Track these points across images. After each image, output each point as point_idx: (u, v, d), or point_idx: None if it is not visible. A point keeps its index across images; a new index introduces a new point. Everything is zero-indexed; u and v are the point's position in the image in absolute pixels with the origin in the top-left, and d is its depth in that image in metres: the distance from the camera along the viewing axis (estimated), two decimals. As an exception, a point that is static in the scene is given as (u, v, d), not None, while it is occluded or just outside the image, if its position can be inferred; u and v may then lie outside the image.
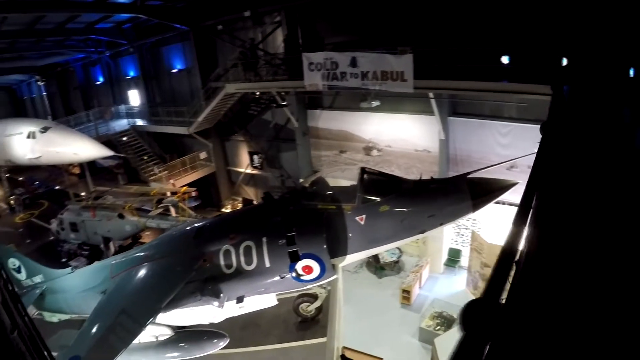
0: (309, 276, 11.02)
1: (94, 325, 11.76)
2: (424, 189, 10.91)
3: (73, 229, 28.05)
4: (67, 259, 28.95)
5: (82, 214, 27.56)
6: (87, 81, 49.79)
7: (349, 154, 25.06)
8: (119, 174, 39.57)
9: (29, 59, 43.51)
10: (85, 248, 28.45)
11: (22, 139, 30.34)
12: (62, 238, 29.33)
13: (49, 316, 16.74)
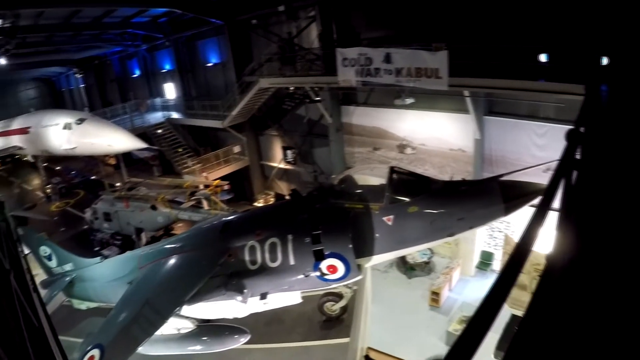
0: (333, 275, 11.02)
1: (118, 315, 12.14)
2: (455, 191, 10.77)
3: (106, 219, 28.86)
4: (100, 248, 29.83)
5: (116, 205, 28.32)
6: (124, 74, 50.89)
7: (383, 151, 25.00)
8: (154, 166, 40.39)
9: (67, 52, 44.63)
10: (117, 238, 29.18)
11: (59, 130, 31.23)
12: (96, 227, 30.21)
13: (77, 303, 17.34)
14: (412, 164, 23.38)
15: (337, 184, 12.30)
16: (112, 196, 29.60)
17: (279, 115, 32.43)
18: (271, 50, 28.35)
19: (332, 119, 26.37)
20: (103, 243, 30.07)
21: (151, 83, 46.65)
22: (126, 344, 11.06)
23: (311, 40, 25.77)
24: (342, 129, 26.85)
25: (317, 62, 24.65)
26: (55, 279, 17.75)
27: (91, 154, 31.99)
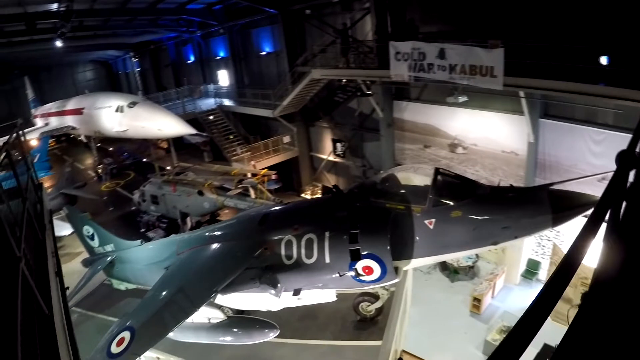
0: (368, 277, 10.97)
1: (151, 300, 12.53)
2: (501, 197, 10.52)
3: (154, 202, 29.60)
4: (146, 229, 31.07)
5: (163, 188, 28.98)
6: (179, 59, 52.09)
7: (434, 149, 24.76)
8: (205, 151, 41.52)
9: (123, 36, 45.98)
10: (163, 221, 30.06)
11: (111, 112, 32.78)
12: (143, 209, 31.12)
13: (117, 284, 18.06)
14: (462, 164, 23.09)
15: (379, 182, 11.98)
16: (160, 179, 30.35)
17: (331, 107, 32.56)
18: (325, 41, 28.41)
19: (383, 114, 26.27)
20: (149, 225, 31.18)
21: (205, 69, 47.58)
22: (156, 329, 11.39)
23: (365, 32, 25.72)
24: (393, 125, 26.73)
25: (370, 55, 24.56)
26: (97, 259, 18.49)
27: (141, 137, 33.27)
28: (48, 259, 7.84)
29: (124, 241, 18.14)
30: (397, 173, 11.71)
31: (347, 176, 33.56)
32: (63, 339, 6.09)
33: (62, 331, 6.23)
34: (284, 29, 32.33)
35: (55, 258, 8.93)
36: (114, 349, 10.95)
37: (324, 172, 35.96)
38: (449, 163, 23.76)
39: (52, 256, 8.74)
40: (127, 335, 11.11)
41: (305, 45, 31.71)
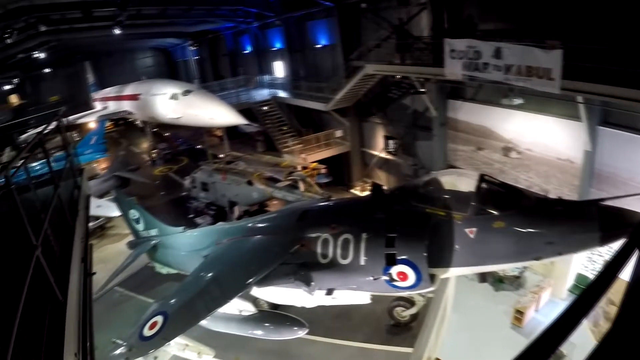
0: (402, 283, 10.88)
1: (187, 287, 12.99)
2: (548, 210, 10.19)
3: (204, 189, 30.28)
4: (194, 215, 31.85)
5: (214, 176, 29.56)
6: (236, 49, 52.92)
7: (487, 152, 24.17)
8: (258, 141, 42.16)
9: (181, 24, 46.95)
10: (212, 208, 30.71)
11: (166, 100, 33.65)
12: (193, 195, 31.91)
13: (159, 267, 18.91)
14: (516, 170, 22.47)
15: (421, 185, 11.85)
16: (211, 167, 30.98)
17: (384, 104, 32.31)
18: (380, 35, 28.15)
19: (437, 113, 25.85)
20: (198, 211, 31.90)
21: (261, 60, 48.14)
22: (188, 317, 11.75)
23: (421, 28, 25.33)
24: (446, 124, 26.28)
25: (425, 52, 24.16)
26: (141, 242, 19.29)
27: (194, 124, 33.71)
28: (74, 245, 7.92)
29: (168, 227, 19.03)
30: (441, 177, 11.46)
31: (398, 174, 33.26)
32: (75, 325, 6.22)
33: (74, 317, 6.35)
34: (339, 23, 32.32)
35: (84, 244, 9.17)
36: (146, 331, 11.43)
37: (374, 168, 35.81)
38: (501, 167, 23.19)
39: (80, 242, 8.92)
40: (160, 320, 11.58)
41: (361, 39, 31.47)
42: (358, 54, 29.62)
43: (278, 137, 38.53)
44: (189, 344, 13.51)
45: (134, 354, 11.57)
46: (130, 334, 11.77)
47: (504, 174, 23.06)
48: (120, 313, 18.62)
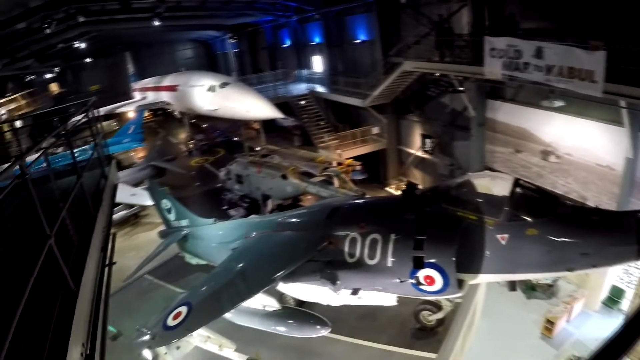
0: (429, 287, 10.74)
1: (213, 280, 13.17)
2: (584, 220, 9.89)
3: (238, 181, 30.73)
4: (228, 207, 32.37)
5: (249, 168, 29.95)
6: (275, 43, 53.09)
7: (525, 155, 23.61)
8: (295, 135, 42.40)
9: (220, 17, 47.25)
10: (246, 200, 31.09)
11: (203, 91, 34.06)
12: (228, 187, 32.40)
13: (189, 258, 19.34)
14: (554, 174, 21.91)
15: (454, 187, 11.64)
16: (247, 160, 31.45)
17: (422, 101, 31.98)
18: (419, 32, 27.81)
19: (475, 113, 25.38)
20: (231, 203, 32.33)
21: (300, 54, 48.19)
22: (211, 309, 11.92)
23: (462, 25, 24.89)
24: (485, 125, 25.76)
25: (465, 50, 23.74)
26: (172, 232, 19.71)
27: (230, 117, 33.92)
28: (93, 235, 8.02)
29: (199, 218, 19.43)
30: (474, 180, 11.22)
31: (434, 174, 32.89)
32: (86, 314, 6.33)
33: (86, 307, 6.45)
34: (378, 18, 32.05)
35: (105, 233, 9.26)
36: (170, 321, 11.59)
37: (411, 167, 35.49)
38: (539, 171, 22.66)
39: (102, 232, 9.03)
40: (184, 310, 11.73)
41: (400, 35, 31.10)
42: (397, 50, 29.32)
43: (314, 132, 38.52)
44: (211, 337, 13.77)
45: (156, 343, 11.93)
46: (154, 323, 12.03)
47: (542, 178, 22.55)
48: (148, 301, 19.10)
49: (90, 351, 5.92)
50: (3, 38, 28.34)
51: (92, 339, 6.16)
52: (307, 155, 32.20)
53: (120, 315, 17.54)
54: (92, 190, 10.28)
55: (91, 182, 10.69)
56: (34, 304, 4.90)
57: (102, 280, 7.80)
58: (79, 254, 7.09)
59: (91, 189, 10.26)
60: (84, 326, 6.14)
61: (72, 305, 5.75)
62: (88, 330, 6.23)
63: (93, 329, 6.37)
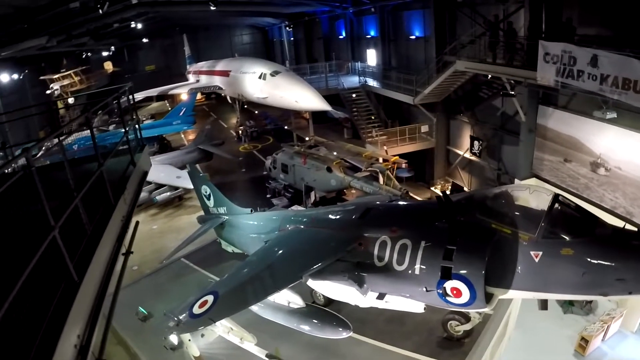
0: (456, 299, 10.56)
1: (241, 271, 13.38)
2: (623, 243, 9.43)
3: (283, 170, 31.09)
4: (272, 195, 33.06)
5: (295, 159, 30.25)
6: (331, 33, 53.23)
7: (574, 165, 22.81)
8: (345, 128, 42.35)
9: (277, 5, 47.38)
10: (290, 190, 31.60)
11: (254, 79, 34.50)
12: (272, 176, 32.85)
13: (224, 245, 19.71)
14: (602, 187, 21.12)
15: (490, 197, 11.38)
16: (293, 150, 31.58)
17: (474, 103, 31.41)
18: (474, 32, 27.27)
19: (526, 118, 24.69)
20: (275, 192, 32.84)
21: (354, 46, 48.06)
22: (236, 301, 12.07)
23: (518, 27, 24.25)
24: (535, 131, 25.04)
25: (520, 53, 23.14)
26: (210, 218, 19.98)
27: (279, 105, 34.22)
28: (109, 224, 8.05)
29: (236, 207, 19.55)
30: (512, 191, 11.00)
31: (481, 177, 32.34)
32: (87, 306, 6.35)
33: (89, 299, 6.47)
34: (434, 15, 31.63)
35: (123, 222, 9.26)
36: (196, 309, 11.78)
37: (458, 168, 34.89)
38: (587, 183, 21.90)
39: (120, 220, 9.06)
40: (210, 299, 11.89)
41: (456, 34, 30.59)
42: (451, 49, 28.86)
43: (363, 126, 38.41)
44: (234, 328, 13.75)
45: (181, 329, 12.31)
46: (181, 309, 12.20)
47: (589, 190, 21.82)
48: (181, 285, 19.15)
49: (85, 343, 5.90)
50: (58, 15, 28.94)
51: (90, 330, 6.15)
52: (354, 150, 32.17)
53: (152, 297, 18.31)
54: (117, 177, 10.28)
55: (118, 168, 10.73)
56: (34, 294, 5.08)
57: (113, 271, 7.74)
58: (89, 244, 7.09)
59: (116, 175, 10.27)
60: (84, 317, 6.15)
61: (72, 296, 5.79)
62: (88, 322, 6.22)
63: (93, 320, 6.35)
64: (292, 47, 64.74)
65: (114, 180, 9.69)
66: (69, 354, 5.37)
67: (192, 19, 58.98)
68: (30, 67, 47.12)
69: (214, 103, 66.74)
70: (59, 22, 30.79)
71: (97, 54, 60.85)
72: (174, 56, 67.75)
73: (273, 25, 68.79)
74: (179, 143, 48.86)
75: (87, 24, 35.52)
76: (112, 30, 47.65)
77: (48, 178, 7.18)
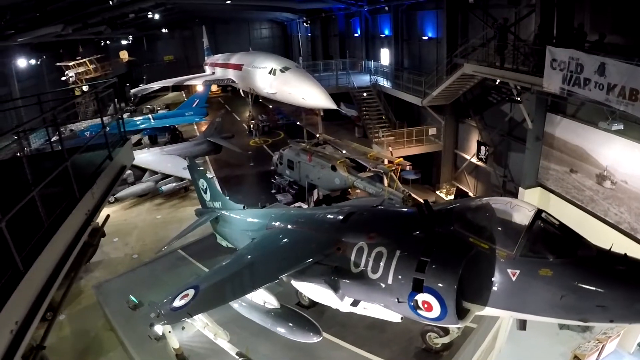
0: (426, 313, 9.86)
1: (223, 267, 13.42)
2: (607, 268, 8.57)
3: (289, 166, 30.45)
4: (276, 191, 32.47)
5: (300, 155, 29.59)
6: (346, 31, 52.44)
7: (579, 176, 21.60)
8: (357, 126, 41.80)
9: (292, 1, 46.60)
10: (294, 187, 30.96)
11: (265, 74, 34.24)
12: (279, 171, 32.15)
13: (219, 239, 19.72)
14: (607, 201, 19.93)
15: (470, 209, 10.59)
16: (299, 147, 30.91)
17: (482, 107, 30.28)
18: (486, 34, 26.07)
19: (533, 125, 23.49)
20: (280, 188, 32.36)
21: (368, 45, 47.16)
22: (214, 297, 12.07)
23: (529, 32, 23.02)
24: (542, 139, 23.80)
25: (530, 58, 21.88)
26: (206, 211, 20.12)
27: (287, 102, 33.80)
28: (68, 218, 8.10)
29: (230, 202, 19.50)
30: (493, 205, 10.08)
31: (487, 183, 31.24)
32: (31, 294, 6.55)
33: (33, 287, 6.64)
34: (446, 15, 30.53)
35: (88, 216, 9.16)
36: (177, 302, 11.88)
37: (464, 173, 33.76)
38: (592, 196, 20.70)
39: (84, 214, 9.01)
40: (191, 293, 11.96)
41: (468, 36, 29.47)
42: (462, 51, 27.73)
43: (370, 126, 37.56)
44: (209, 324, 13.49)
45: (160, 321, 12.33)
46: (164, 300, 12.35)
47: (594, 203, 20.63)
48: (175, 275, 18.99)
49: (22, 329, 6.05)
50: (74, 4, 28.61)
51: (30, 318, 6.29)
52: (360, 149, 31.28)
53: (146, 286, 18.14)
54: (91, 171, 10.26)
55: (95, 161, 10.79)
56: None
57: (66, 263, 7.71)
58: (44, 236, 7.24)
59: (91, 169, 10.32)
60: (26, 306, 6.31)
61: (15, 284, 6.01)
62: (30, 310, 6.36)
63: (34, 309, 6.44)
64: (309, 43, 64.23)
65: (86, 174, 9.85)
66: (5, 338, 5.68)
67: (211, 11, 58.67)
68: (48, 53, 47.36)
69: (230, 96, 66.31)
70: (74, 10, 30.59)
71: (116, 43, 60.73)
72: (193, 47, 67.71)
73: (292, 20, 68.27)
74: (191, 134, 48.34)
75: (102, 13, 35.20)
76: (130, 20, 47.41)
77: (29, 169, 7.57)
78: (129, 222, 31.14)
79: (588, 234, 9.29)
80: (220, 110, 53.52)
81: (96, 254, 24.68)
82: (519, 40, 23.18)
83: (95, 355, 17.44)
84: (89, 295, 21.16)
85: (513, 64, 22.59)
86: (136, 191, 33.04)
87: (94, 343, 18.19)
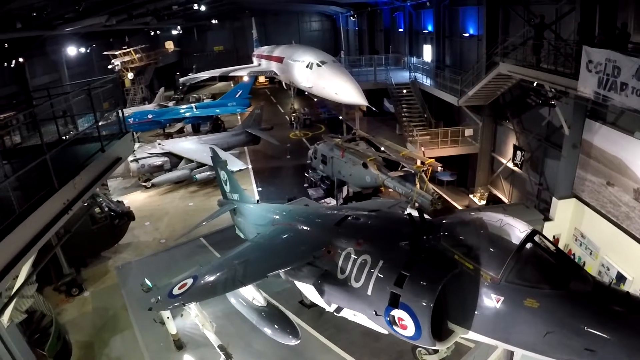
0: (401, 330, 9.02)
1: (223, 260, 13.59)
2: (603, 306, 7.08)
3: (323, 161, 29.82)
4: (309, 185, 32.26)
5: (334, 151, 28.82)
6: (392, 26, 50.58)
7: (616, 189, 18.93)
8: (398, 123, 39.58)
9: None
10: (326, 182, 30.49)
11: (302, 67, 33.77)
12: (313, 166, 31.69)
13: (237, 230, 19.93)
14: (639, 219, 17.44)
15: (460, 223, 9.40)
16: (333, 142, 29.95)
17: (520, 109, 27.63)
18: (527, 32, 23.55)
19: (570, 132, 20.91)
20: (312, 182, 32.00)
21: (412, 41, 44.99)
22: (207, 289, 12.16)
23: (570, 30, 20.47)
24: (579, 147, 21.17)
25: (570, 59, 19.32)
26: (226, 202, 20.47)
27: (321, 96, 33.30)
28: (40, 207, 8.35)
29: (247, 195, 19.94)
30: (484, 221, 8.75)
31: (522, 190, 28.69)
32: None
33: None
34: (487, 12, 28.12)
35: (65, 206, 9.32)
36: (175, 290, 12.25)
37: (500, 178, 31.21)
38: (628, 213, 18.10)
39: (62, 204, 9.19)
40: (189, 283, 12.29)
41: (507, 33, 26.82)
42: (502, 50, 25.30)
43: (405, 124, 35.63)
44: (199, 314, 13.75)
45: (157, 307, 12.62)
46: (163, 287, 12.86)
47: (629, 220, 18.04)
48: (193, 263, 18.75)
49: None
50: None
51: None
52: (392, 148, 29.55)
53: (163, 271, 18.90)
54: (81, 162, 10.52)
55: (88, 152, 11.07)
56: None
57: (31, 248, 7.97)
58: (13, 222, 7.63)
59: (81, 160, 10.61)
60: None
61: None
62: None
63: None
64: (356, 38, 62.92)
65: (73, 165, 10.13)
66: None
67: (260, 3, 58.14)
68: (98, 41, 49.03)
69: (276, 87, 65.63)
70: (118, 2, 30.48)
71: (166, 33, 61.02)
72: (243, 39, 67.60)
73: (341, 13, 66.62)
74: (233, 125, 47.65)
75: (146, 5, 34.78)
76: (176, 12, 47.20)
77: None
78: (162, 207, 31.57)
79: (620, 254, 7.43)
80: (260, 102, 52.69)
81: (127, 237, 25.39)
82: (560, 39, 20.61)
83: (111, 332, 18.06)
84: (114, 275, 21.93)
85: (552, 65, 20.05)
86: (171, 178, 33.51)
87: (111, 321, 18.88)
